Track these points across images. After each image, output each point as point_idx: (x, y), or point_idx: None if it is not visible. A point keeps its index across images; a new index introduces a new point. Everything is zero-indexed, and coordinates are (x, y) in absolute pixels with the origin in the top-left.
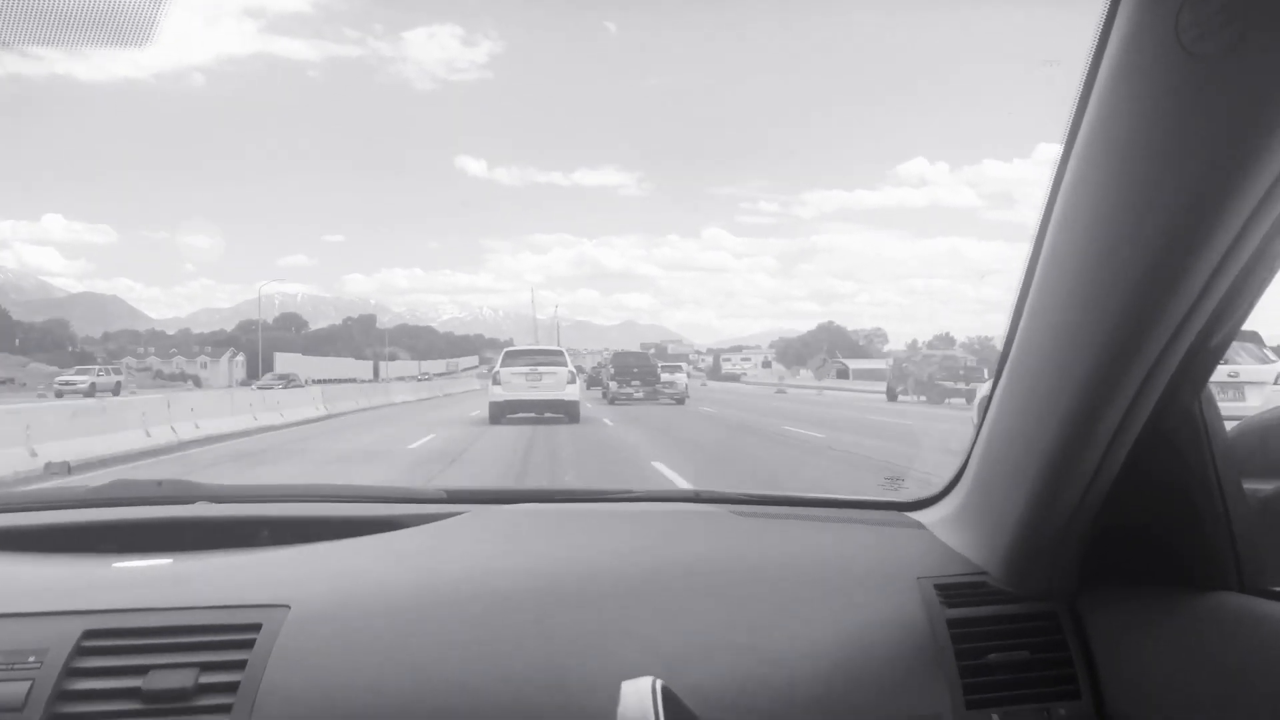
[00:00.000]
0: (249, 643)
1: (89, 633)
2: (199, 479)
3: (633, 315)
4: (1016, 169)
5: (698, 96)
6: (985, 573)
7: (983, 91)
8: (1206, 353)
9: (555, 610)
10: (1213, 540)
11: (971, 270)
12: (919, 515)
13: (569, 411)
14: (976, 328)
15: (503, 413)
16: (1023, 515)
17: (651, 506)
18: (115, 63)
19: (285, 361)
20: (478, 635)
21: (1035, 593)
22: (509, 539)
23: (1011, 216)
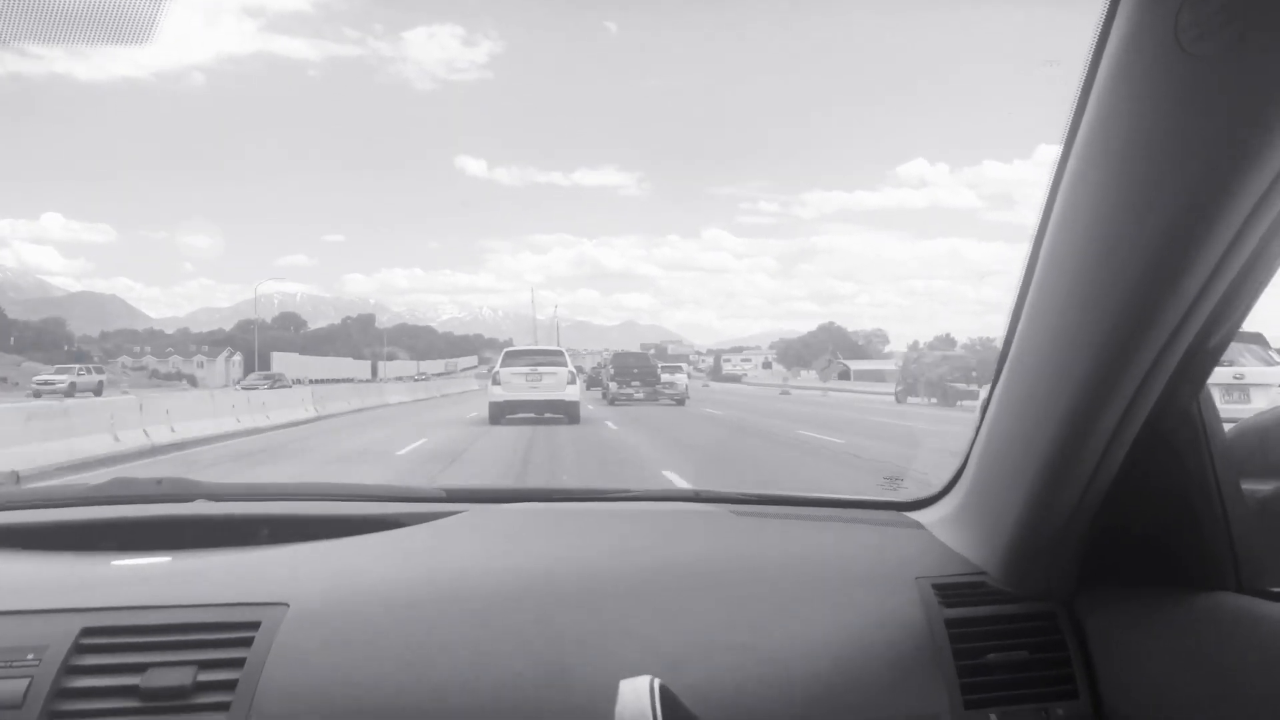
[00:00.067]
0: (247, 641)
1: (87, 630)
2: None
3: (632, 315)
4: (1017, 170)
5: (698, 97)
6: (984, 573)
7: (983, 92)
8: (1205, 353)
9: (554, 609)
10: (1211, 541)
11: (971, 271)
12: (918, 515)
13: (569, 412)
14: (976, 329)
15: (502, 413)
16: (1021, 515)
17: (650, 506)
18: (115, 62)
19: (282, 361)
20: (476, 634)
21: (1034, 593)
22: (508, 538)
23: (1012, 218)
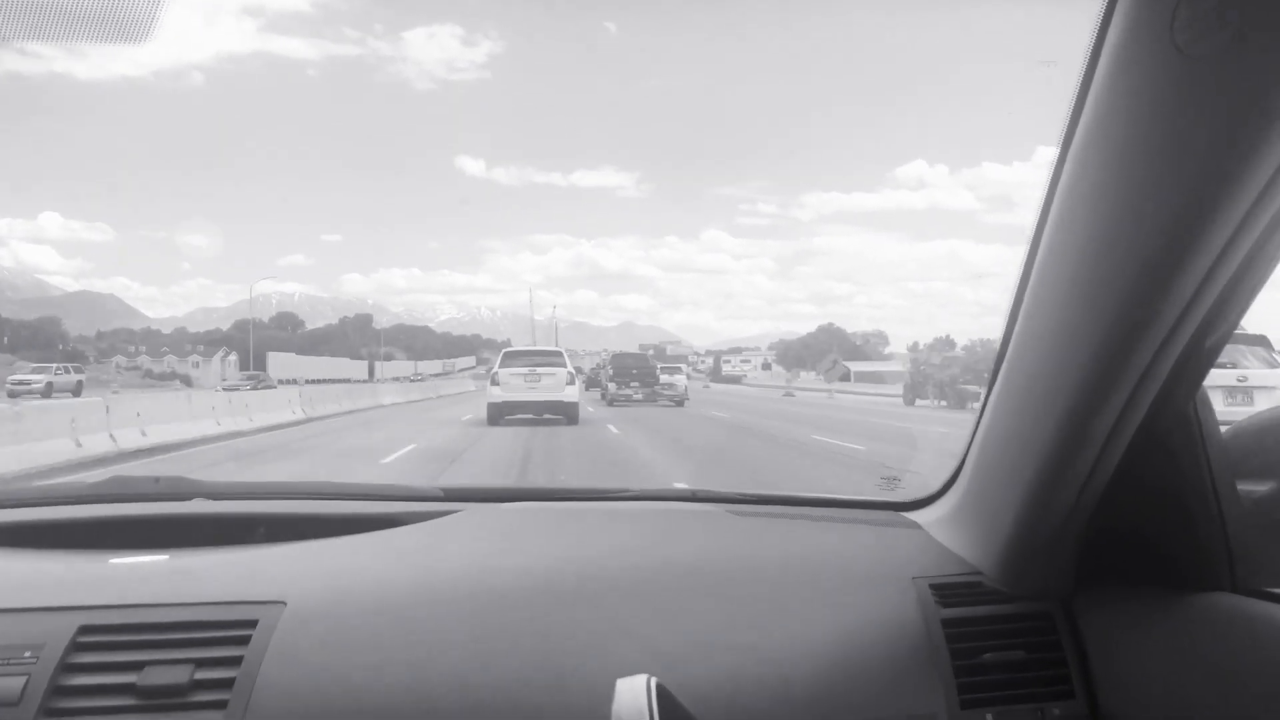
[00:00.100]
0: (245, 639)
1: (85, 628)
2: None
3: (631, 316)
4: (1016, 172)
5: (697, 98)
6: (980, 573)
7: (982, 94)
8: (1201, 354)
9: (552, 608)
10: (1207, 541)
11: (970, 273)
12: (915, 515)
13: (568, 413)
14: (975, 330)
15: (501, 414)
16: (1018, 515)
17: (648, 506)
18: (114, 61)
19: (278, 361)
20: (474, 633)
21: (1030, 593)
22: (506, 537)
23: (1010, 219)
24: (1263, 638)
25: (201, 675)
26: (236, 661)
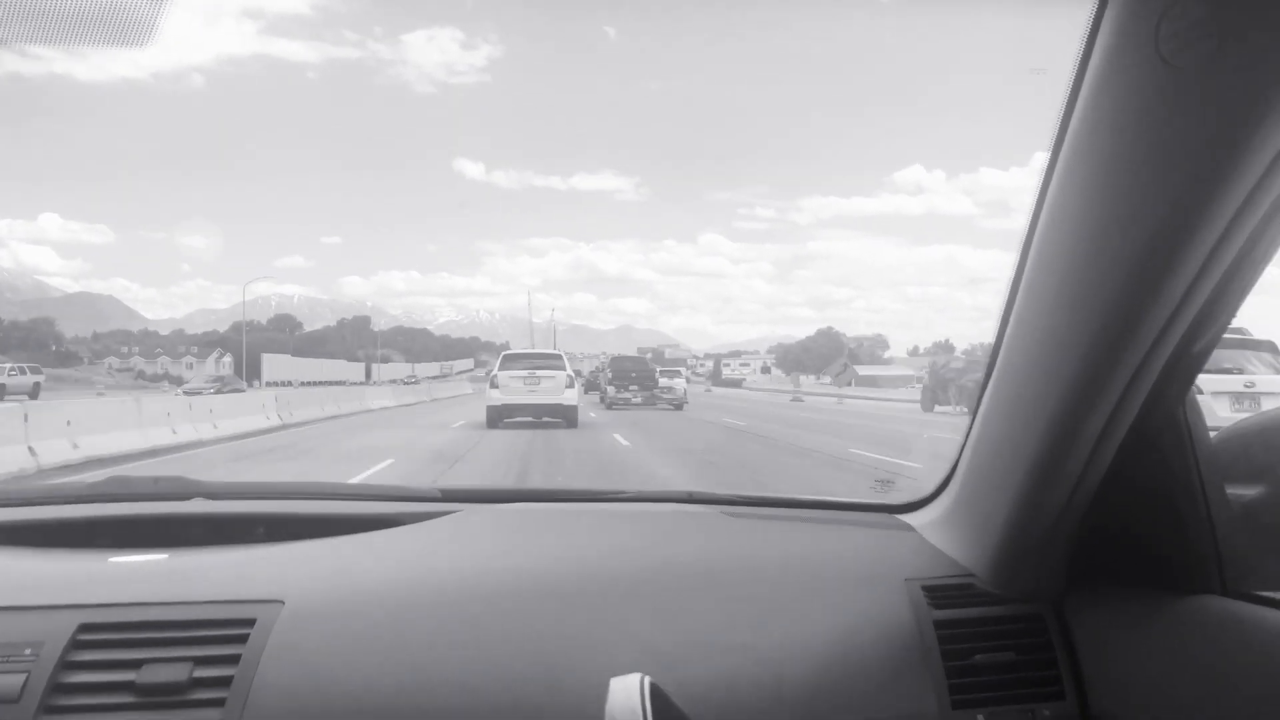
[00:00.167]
0: (243, 637)
1: (84, 626)
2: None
3: (629, 320)
4: (1013, 177)
5: (696, 102)
6: (972, 574)
7: (980, 100)
8: (1190, 358)
9: (548, 608)
10: (1196, 544)
11: (967, 278)
12: (908, 517)
13: (567, 416)
14: (973, 334)
15: (500, 416)
16: (1009, 517)
17: (644, 507)
18: (114, 63)
19: (273, 363)
20: (471, 633)
21: (1021, 594)
22: (503, 538)
23: (1008, 224)
24: (1251, 640)
25: (200, 673)
26: (234, 660)
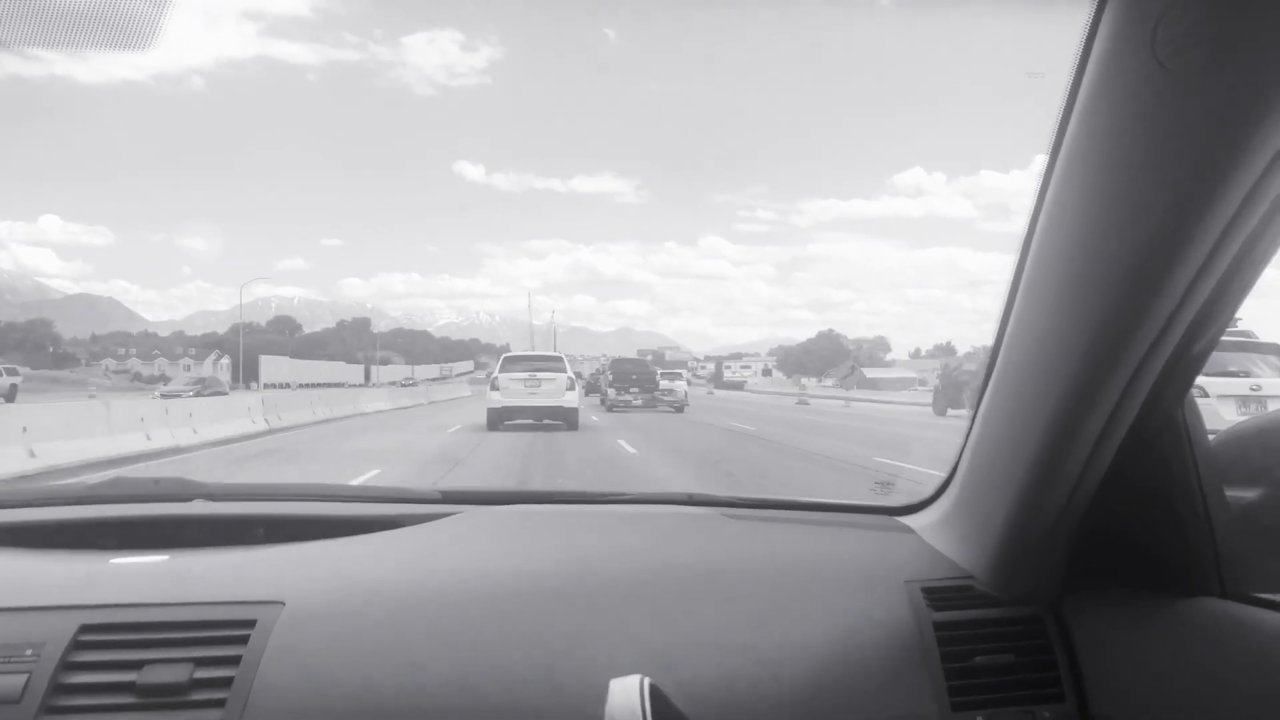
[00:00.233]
0: (243, 638)
1: (85, 627)
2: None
3: (629, 322)
4: (1013, 180)
5: (696, 104)
6: (972, 576)
7: (980, 102)
8: (1189, 359)
9: (547, 609)
10: (1195, 546)
11: (967, 280)
12: (908, 519)
13: (567, 419)
14: (973, 337)
15: (500, 419)
16: (1009, 519)
17: (644, 509)
18: (115, 65)
19: (271, 365)
20: (470, 634)
21: (1021, 596)
22: (503, 539)
23: (1008, 227)
24: (1249, 642)
25: (200, 674)
26: (235, 661)
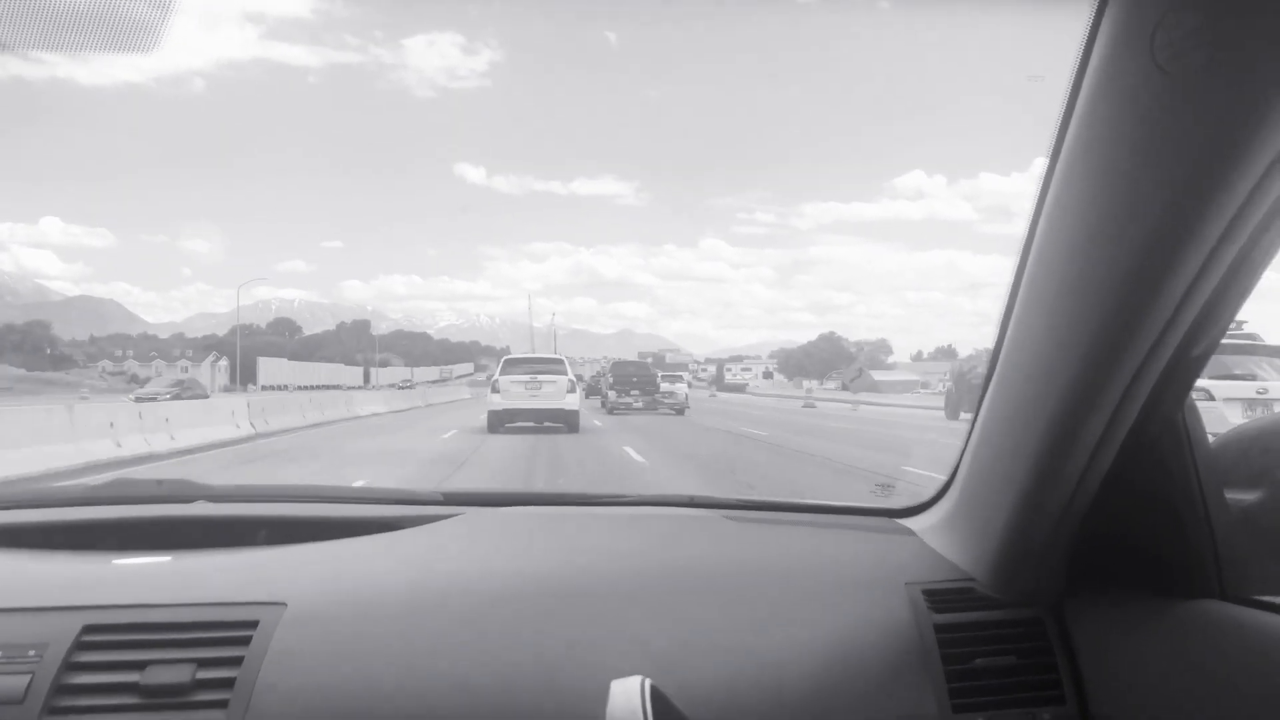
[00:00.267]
0: (246, 639)
1: (88, 628)
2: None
3: (629, 324)
4: (1014, 183)
5: (697, 107)
6: (973, 578)
7: (980, 105)
8: (1189, 362)
9: (548, 611)
10: (1195, 548)
11: (967, 283)
12: (909, 522)
13: (568, 421)
14: (973, 340)
15: (501, 421)
16: (1009, 521)
17: (646, 511)
18: (116, 67)
19: (269, 367)
20: (472, 635)
21: (1021, 598)
22: (505, 541)
23: (1008, 230)
24: (1250, 645)
25: (203, 675)
26: (238, 662)
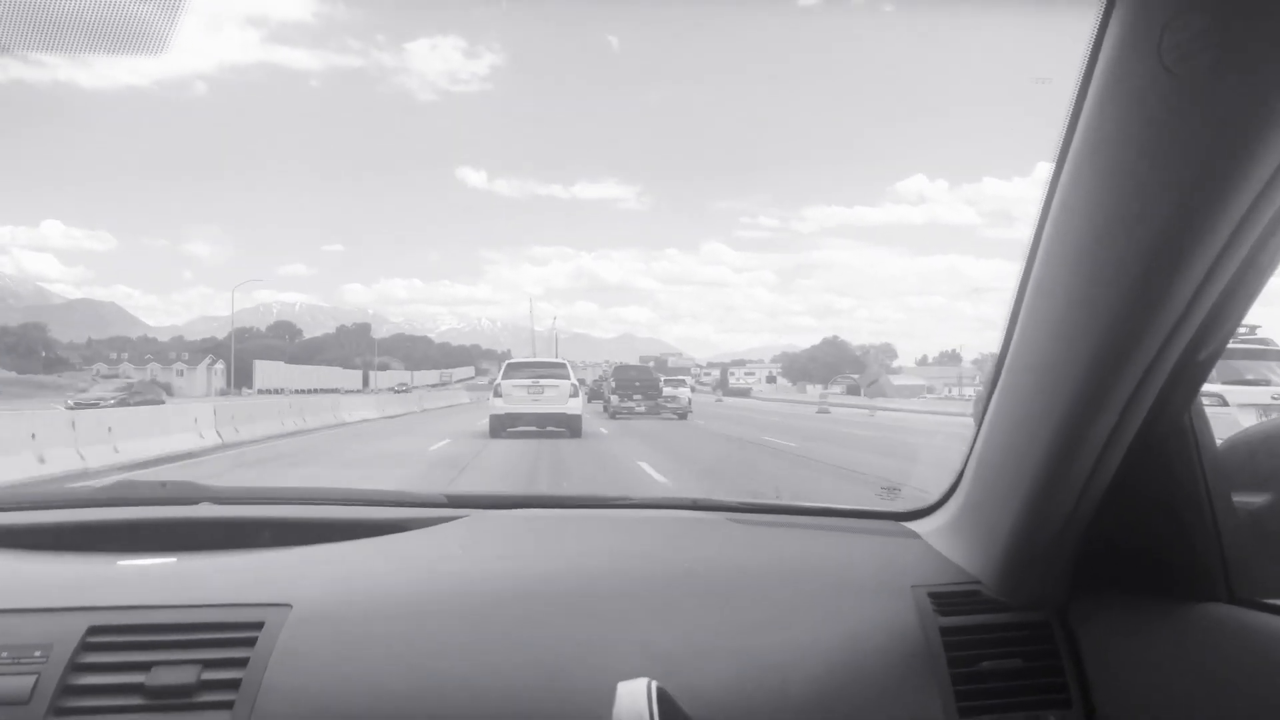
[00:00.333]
0: (251, 641)
1: (94, 629)
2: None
3: (630, 328)
4: (1016, 187)
5: (699, 111)
6: (979, 582)
7: (983, 109)
8: (1195, 366)
9: (553, 613)
10: (1202, 551)
11: (970, 288)
12: (914, 525)
13: (570, 425)
14: (977, 344)
15: (503, 426)
16: (1015, 525)
17: (650, 513)
18: (117, 70)
19: (266, 370)
20: (476, 637)
21: (1027, 602)
22: (509, 543)
23: (1010, 234)
24: (1257, 648)
25: (208, 676)
26: (243, 663)
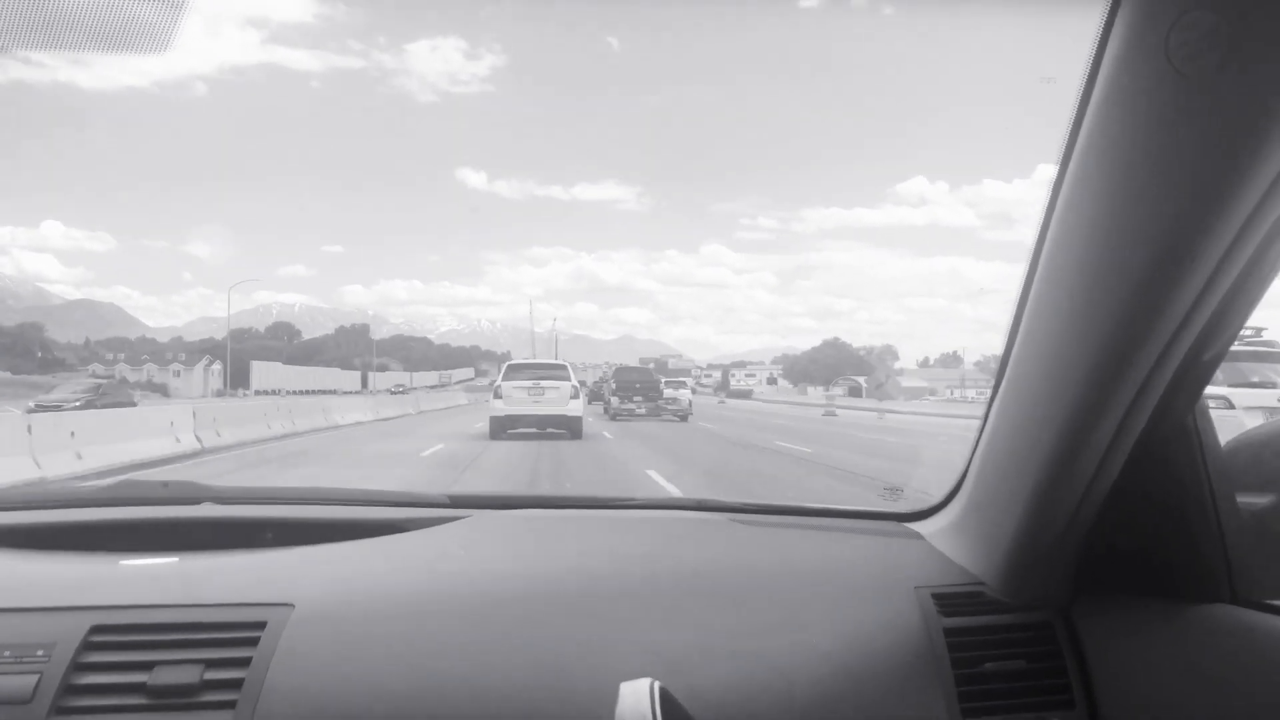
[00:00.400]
0: (253, 640)
1: (96, 628)
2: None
3: (630, 330)
4: (1016, 189)
5: (699, 112)
6: (982, 583)
7: (983, 111)
8: (1200, 367)
9: (555, 613)
10: (1206, 552)
11: (970, 290)
12: (917, 526)
13: (571, 427)
14: (975, 347)
15: (504, 428)
16: (1019, 526)
17: (653, 514)
18: (118, 71)
19: (263, 371)
20: (478, 637)
21: (1031, 603)
22: (511, 543)
23: (1010, 236)
24: (1261, 649)
25: (211, 675)
26: (245, 663)
